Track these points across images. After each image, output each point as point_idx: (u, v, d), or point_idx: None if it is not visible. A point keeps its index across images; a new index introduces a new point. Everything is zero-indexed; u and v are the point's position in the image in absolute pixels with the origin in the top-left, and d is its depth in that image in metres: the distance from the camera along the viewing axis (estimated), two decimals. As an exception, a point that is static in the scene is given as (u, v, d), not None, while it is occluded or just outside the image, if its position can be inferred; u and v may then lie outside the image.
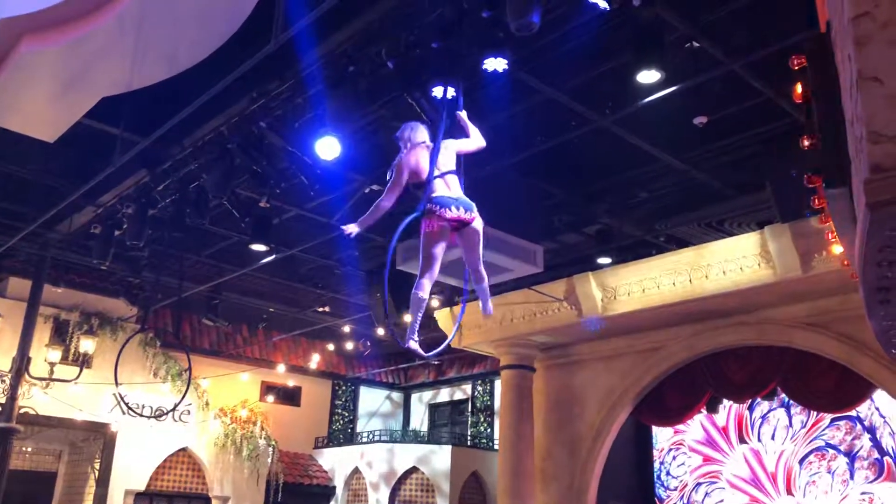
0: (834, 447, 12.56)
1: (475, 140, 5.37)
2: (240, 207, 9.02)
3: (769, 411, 13.50)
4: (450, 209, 4.87)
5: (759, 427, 13.69)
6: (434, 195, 4.94)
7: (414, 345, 4.97)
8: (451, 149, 5.20)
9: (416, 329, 5.00)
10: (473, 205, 5.02)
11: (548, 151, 8.65)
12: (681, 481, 14.70)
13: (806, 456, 12.89)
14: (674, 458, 14.97)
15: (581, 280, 12.02)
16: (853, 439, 12.40)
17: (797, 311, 10.96)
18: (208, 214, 8.94)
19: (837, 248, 4.74)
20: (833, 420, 12.58)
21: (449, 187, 5.00)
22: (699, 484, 14.37)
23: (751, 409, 13.69)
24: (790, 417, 13.29)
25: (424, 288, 4.92)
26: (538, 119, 8.13)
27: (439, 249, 4.94)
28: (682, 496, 14.51)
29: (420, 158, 5.06)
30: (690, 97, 7.61)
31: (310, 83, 6.89)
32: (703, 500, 14.24)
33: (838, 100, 3.01)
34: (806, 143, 3.38)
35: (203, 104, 7.06)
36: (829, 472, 12.52)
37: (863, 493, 12.11)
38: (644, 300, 11.45)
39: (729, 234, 10.75)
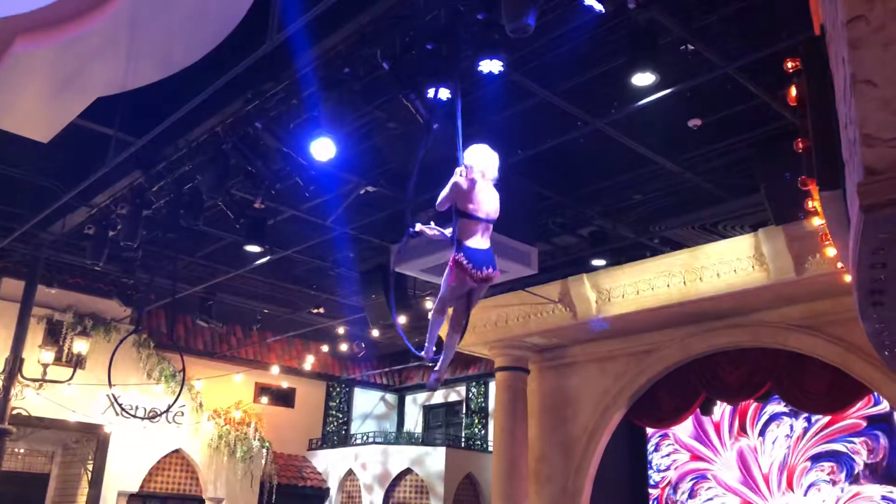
0: (849, 465, 12.35)
1: None
2: (234, 208, 9.00)
3: (782, 415, 13.33)
4: (481, 270, 4.67)
5: (766, 424, 13.46)
6: (468, 244, 4.69)
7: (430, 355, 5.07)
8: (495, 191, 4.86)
9: (432, 347, 5.06)
10: (495, 259, 4.84)
11: (542, 153, 8.66)
12: (663, 476, 14.64)
13: (817, 458, 12.70)
14: (656, 448, 14.87)
15: (575, 282, 12.04)
16: (871, 458, 12.21)
17: (791, 314, 11.00)
18: (202, 215, 8.91)
19: (831, 251, 4.75)
20: (870, 427, 12.19)
21: (483, 236, 4.75)
22: (681, 480, 14.34)
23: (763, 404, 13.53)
24: (792, 429, 13.19)
25: (439, 317, 4.92)
26: (533, 121, 8.14)
27: (456, 297, 4.85)
28: (665, 495, 14.49)
29: (484, 196, 4.75)
30: (685, 100, 7.63)
31: (305, 84, 6.88)
32: (686, 501, 14.22)
33: (832, 103, 3.02)
34: (800, 145, 3.40)
35: (198, 105, 7.05)
36: (833, 485, 12.40)
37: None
38: (638, 302, 11.47)
39: (723, 237, 10.78)
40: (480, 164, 4.79)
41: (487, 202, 4.75)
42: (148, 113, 7.60)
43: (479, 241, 4.73)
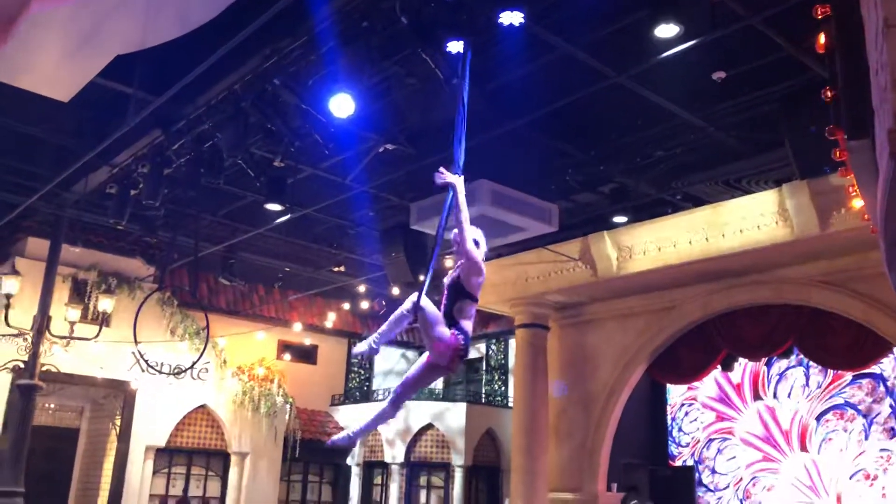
0: (853, 407, 12.55)
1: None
2: (254, 167, 9.01)
3: (787, 368, 13.50)
4: (467, 351, 4.40)
5: (777, 384, 13.70)
6: (466, 327, 4.35)
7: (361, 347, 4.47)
8: None
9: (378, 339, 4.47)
10: None
11: (563, 109, 8.55)
12: (693, 438, 14.79)
13: (824, 413, 12.92)
14: (686, 413, 15.04)
15: (596, 239, 11.99)
16: (873, 402, 12.37)
17: (814, 270, 10.90)
18: (223, 174, 8.93)
19: (858, 203, 4.68)
20: (855, 378, 12.55)
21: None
22: (711, 440, 14.47)
23: (768, 365, 13.69)
24: (808, 377, 13.30)
25: (393, 412, 4.51)
26: (554, 76, 8.02)
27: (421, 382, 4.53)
28: (694, 453, 14.62)
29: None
30: (709, 52, 7.48)
31: (323, 40, 6.81)
32: (714, 457, 14.34)
33: (862, 49, 2.94)
34: (828, 94, 3.32)
35: (216, 62, 7.00)
36: (845, 431, 12.56)
37: (882, 450, 12.14)
38: (660, 259, 11.42)
39: (746, 192, 10.64)
40: (483, 245, 4.49)
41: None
42: (167, 71, 7.58)
43: (469, 326, 4.40)
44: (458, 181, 4.35)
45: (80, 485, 14.75)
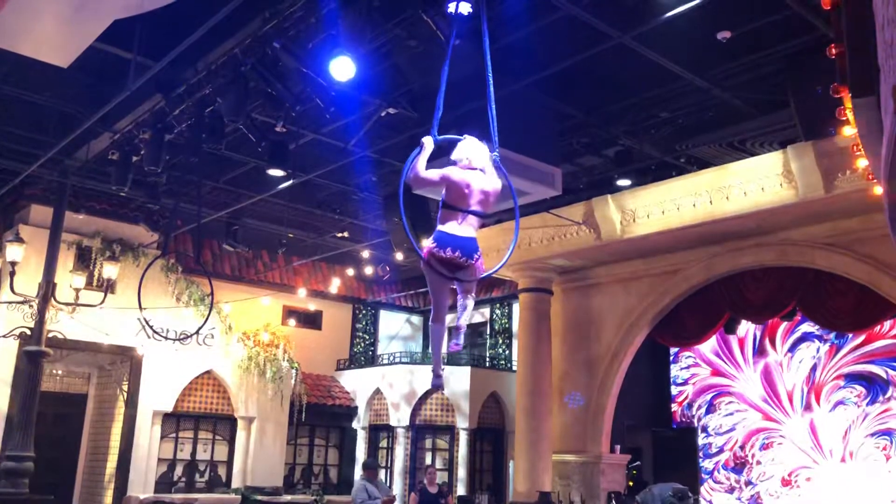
0: (882, 390, 12.50)
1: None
2: (256, 132, 8.95)
3: (813, 336, 13.40)
4: (444, 251, 4.33)
5: (796, 343, 13.59)
6: (440, 228, 4.43)
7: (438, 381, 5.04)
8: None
9: (440, 363, 4.95)
10: (478, 251, 4.48)
11: (566, 71, 8.46)
12: (680, 391, 14.85)
13: (847, 376, 12.85)
14: (674, 359, 15.03)
15: (600, 203, 11.96)
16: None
17: (818, 232, 10.89)
18: (224, 139, 8.89)
19: (862, 162, 4.64)
20: None
21: (462, 224, 4.43)
22: (700, 395, 14.55)
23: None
24: (818, 351, 13.27)
25: (437, 326, 4.73)
26: (556, 37, 7.93)
27: (441, 292, 4.63)
28: (681, 410, 14.71)
29: (469, 181, 4.44)
30: (714, 11, 7.38)
31: (323, 1, 6.73)
32: (704, 416, 14.42)
33: (868, 5, 2.90)
34: (833, 51, 3.27)
35: (216, 26, 6.93)
36: (857, 405, 12.57)
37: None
38: (664, 222, 11.40)
39: (751, 154, 10.59)
40: (461, 154, 4.56)
41: (472, 194, 4.45)
42: (167, 35, 7.51)
43: (456, 228, 4.42)
44: (426, 140, 4.63)
45: (89, 449, 14.94)
